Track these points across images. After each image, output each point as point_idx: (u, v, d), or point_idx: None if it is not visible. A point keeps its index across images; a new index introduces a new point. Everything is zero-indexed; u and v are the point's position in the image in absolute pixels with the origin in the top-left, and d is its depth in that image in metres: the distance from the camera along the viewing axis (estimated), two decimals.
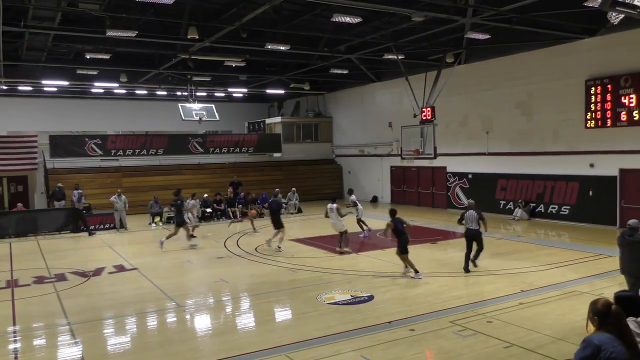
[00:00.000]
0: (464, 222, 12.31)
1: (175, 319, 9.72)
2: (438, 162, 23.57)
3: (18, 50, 21.07)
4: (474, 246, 12.27)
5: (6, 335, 8.78)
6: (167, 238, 16.44)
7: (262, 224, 22.05)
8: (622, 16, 10.06)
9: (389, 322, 8.73)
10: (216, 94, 32.52)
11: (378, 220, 18.68)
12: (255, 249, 16.04)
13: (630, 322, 3.96)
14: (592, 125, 18.23)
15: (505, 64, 21.60)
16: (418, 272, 11.79)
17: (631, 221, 8.49)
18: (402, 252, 11.89)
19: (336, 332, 8.35)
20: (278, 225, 15.73)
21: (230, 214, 23.64)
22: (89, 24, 17.74)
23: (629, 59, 17.25)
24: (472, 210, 12.18)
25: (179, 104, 25.43)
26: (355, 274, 12.38)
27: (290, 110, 36.90)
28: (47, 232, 20.23)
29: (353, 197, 18.42)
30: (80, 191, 22.96)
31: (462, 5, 15.40)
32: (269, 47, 18.58)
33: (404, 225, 11.99)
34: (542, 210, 20.61)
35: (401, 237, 11.89)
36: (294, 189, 25.92)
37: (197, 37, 17.20)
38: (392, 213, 12.14)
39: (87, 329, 8.99)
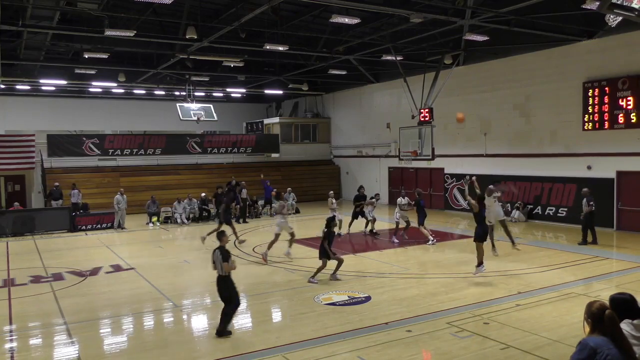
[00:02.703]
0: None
1: (172, 319, 9.71)
2: (436, 164, 23.60)
3: (16, 49, 21.06)
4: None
5: (3, 334, 8.77)
6: None
7: (263, 223, 22.05)
8: (620, 18, 10.10)
9: (386, 323, 8.73)
10: (214, 94, 32.51)
11: (379, 222, 18.68)
12: (253, 249, 16.03)
13: (626, 324, 3.97)
14: (590, 128, 18.26)
15: (504, 66, 21.64)
16: (482, 264, 11.60)
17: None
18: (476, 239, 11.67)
19: (333, 332, 8.35)
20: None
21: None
22: (87, 24, 17.75)
23: (627, 62, 17.30)
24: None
25: (177, 104, 25.41)
26: (353, 275, 12.38)
27: (289, 111, 36.91)
28: (44, 231, 20.19)
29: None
30: (76, 190, 22.95)
31: (460, 7, 15.44)
32: (268, 47, 18.58)
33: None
34: (540, 212, 20.64)
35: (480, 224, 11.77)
36: (289, 189, 25.90)
37: (195, 37, 17.20)
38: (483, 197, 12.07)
39: (83, 328, 8.97)
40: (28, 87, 28.40)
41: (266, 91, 31.37)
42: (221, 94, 33.07)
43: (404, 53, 22.18)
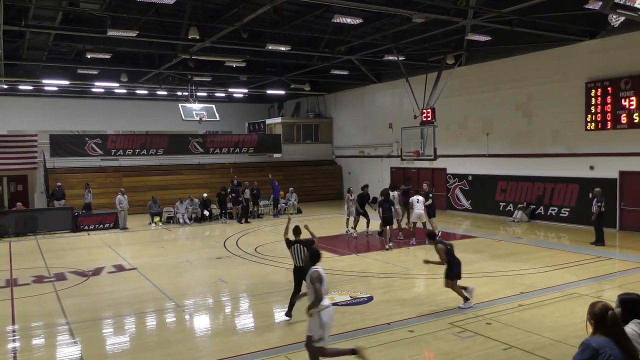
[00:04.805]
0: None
1: (174, 319, 9.72)
2: (438, 164, 23.55)
3: (19, 49, 21.10)
4: None
5: (5, 334, 8.79)
6: None
7: (265, 223, 22.06)
8: (622, 18, 10.05)
9: (388, 324, 8.73)
10: (216, 94, 32.55)
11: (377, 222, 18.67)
12: (255, 249, 16.04)
13: (635, 324, 3.96)
14: (592, 128, 18.22)
15: (506, 66, 21.60)
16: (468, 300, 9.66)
17: None
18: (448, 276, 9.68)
19: (335, 333, 8.32)
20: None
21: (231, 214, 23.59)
22: (89, 24, 17.78)
23: (630, 62, 17.25)
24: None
25: (180, 104, 25.42)
26: (355, 275, 12.38)
27: (291, 111, 36.93)
28: (47, 231, 20.23)
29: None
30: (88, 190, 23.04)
31: (462, 7, 15.41)
32: (270, 47, 18.58)
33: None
34: (542, 212, 20.60)
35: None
36: (291, 188, 25.92)
37: (197, 37, 17.21)
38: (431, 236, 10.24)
39: (86, 328, 8.99)
40: (30, 88, 28.47)
41: (268, 91, 31.39)
42: (223, 94, 33.11)
43: (406, 53, 22.17)
